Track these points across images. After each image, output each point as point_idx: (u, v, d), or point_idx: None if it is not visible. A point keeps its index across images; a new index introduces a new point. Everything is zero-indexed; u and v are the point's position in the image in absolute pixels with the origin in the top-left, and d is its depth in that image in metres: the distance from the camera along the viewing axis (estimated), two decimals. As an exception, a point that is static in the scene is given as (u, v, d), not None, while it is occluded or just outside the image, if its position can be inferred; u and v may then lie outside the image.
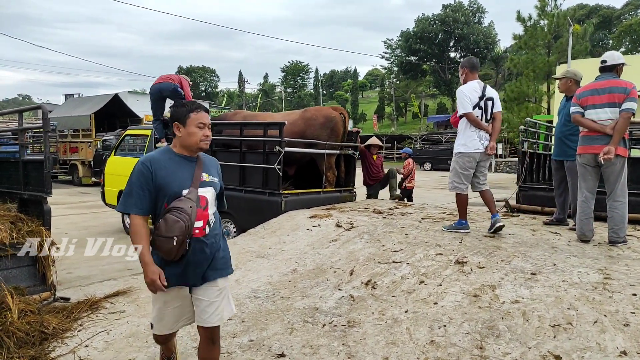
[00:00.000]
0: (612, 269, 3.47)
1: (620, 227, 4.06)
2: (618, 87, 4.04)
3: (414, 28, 53.78)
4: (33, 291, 3.97)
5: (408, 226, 5.02)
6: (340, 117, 7.00)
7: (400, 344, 2.86)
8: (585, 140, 4.21)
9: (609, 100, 4.04)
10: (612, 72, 4.17)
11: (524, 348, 2.63)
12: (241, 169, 6.48)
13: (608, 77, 4.15)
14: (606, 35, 49.05)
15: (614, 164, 4.02)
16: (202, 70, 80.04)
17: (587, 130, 4.20)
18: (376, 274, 3.86)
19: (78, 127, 17.83)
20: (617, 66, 4.16)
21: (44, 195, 4.19)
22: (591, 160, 4.16)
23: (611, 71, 4.17)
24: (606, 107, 4.06)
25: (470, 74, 4.73)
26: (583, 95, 4.24)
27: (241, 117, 7.72)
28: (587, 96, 4.19)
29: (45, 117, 4.13)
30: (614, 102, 4.03)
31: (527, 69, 23.52)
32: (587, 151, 4.17)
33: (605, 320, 2.77)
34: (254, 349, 3.01)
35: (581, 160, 4.26)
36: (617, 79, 4.12)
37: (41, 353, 3.19)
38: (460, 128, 4.71)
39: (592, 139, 4.14)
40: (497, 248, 4.09)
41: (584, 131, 4.25)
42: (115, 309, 3.94)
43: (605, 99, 4.06)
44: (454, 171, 4.72)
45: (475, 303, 3.17)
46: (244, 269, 4.49)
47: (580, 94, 4.27)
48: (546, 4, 23.13)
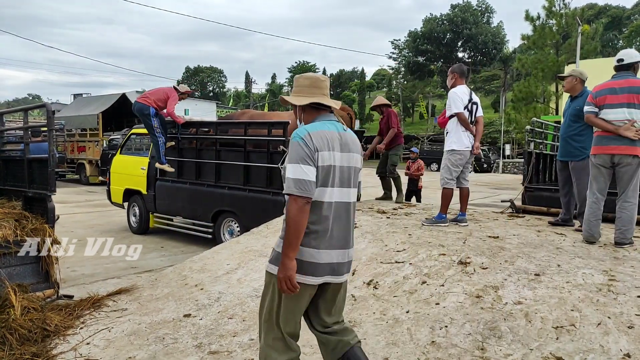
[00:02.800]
0: (618, 271, 3.42)
1: (627, 228, 3.99)
2: (637, 86, 3.87)
3: (421, 28, 53.58)
4: (36, 288, 4.00)
5: (412, 226, 4.99)
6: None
7: (400, 344, 2.84)
8: (601, 140, 4.04)
9: (628, 101, 3.88)
10: (629, 70, 4.00)
11: (526, 349, 2.60)
12: (245, 168, 6.48)
13: (626, 76, 3.97)
14: (616, 35, 48.56)
15: (630, 163, 3.89)
16: (210, 70, 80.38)
17: (601, 130, 4.04)
18: (378, 274, 3.83)
19: (86, 126, 17.95)
20: (635, 64, 3.99)
21: (48, 193, 4.22)
22: (607, 161, 4.00)
23: (628, 70, 4.00)
24: (624, 107, 3.89)
25: (460, 79, 5.06)
26: (600, 94, 4.04)
27: (248, 117, 7.73)
28: (604, 95, 4.00)
29: (50, 115, 4.15)
30: (632, 103, 3.86)
31: (536, 69, 23.33)
32: (602, 151, 4.01)
33: (609, 322, 2.73)
34: (254, 347, 3.00)
35: (595, 160, 4.09)
36: (636, 78, 3.95)
37: (43, 350, 3.21)
38: (450, 127, 5.04)
39: (607, 139, 3.97)
40: (501, 249, 4.05)
41: (598, 131, 4.09)
42: (117, 307, 3.95)
43: (624, 98, 3.89)
44: (446, 168, 5.03)
45: (477, 304, 3.14)
46: (247, 268, 4.49)
47: (597, 93, 4.07)
48: (553, 4, 22.92)
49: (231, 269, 4.52)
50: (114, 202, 8.87)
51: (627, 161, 3.91)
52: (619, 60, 4.05)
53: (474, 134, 5.06)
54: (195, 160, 7.16)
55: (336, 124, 2.24)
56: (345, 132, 2.24)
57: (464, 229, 4.86)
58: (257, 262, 4.60)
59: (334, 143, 2.14)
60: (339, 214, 2.18)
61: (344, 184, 2.19)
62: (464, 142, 4.96)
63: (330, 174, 2.12)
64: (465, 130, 4.97)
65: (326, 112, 2.28)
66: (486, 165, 30.56)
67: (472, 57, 53.99)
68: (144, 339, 3.29)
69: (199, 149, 7.21)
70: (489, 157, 31.50)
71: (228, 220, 6.70)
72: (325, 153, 2.09)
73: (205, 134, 7.30)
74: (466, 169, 5.17)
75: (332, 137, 2.15)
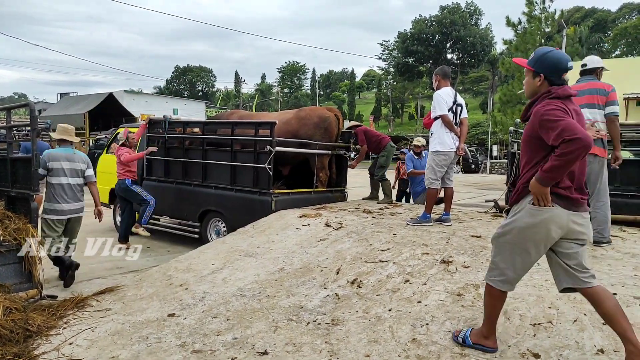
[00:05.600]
0: (595, 269, 3.46)
1: (603, 228, 4.10)
2: (597, 88, 4.14)
3: (410, 29, 53.88)
4: (19, 289, 3.97)
5: (397, 226, 5.04)
6: (335, 118, 7.02)
7: (382, 342, 2.87)
8: None
9: (588, 102, 4.14)
10: (592, 74, 4.29)
11: (504, 346, 2.65)
12: (232, 168, 6.48)
13: (588, 80, 4.26)
14: (602, 38, 49.27)
15: (592, 163, 4.06)
16: (199, 70, 79.98)
17: None
18: (362, 273, 3.87)
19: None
20: (597, 69, 4.28)
21: (31, 192, 4.19)
22: None
23: (591, 74, 4.29)
24: (585, 108, 4.13)
25: (443, 81, 5.20)
26: None
27: (237, 117, 7.73)
28: None
29: (33, 114, 4.13)
30: (592, 103, 4.13)
31: (519, 72, 23.53)
32: None
33: (585, 319, 2.80)
34: (237, 346, 3.01)
35: None
36: (596, 81, 4.22)
37: (25, 350, 3.18)
38: (435, 129, 5.14)
39: None
40: (483, 248, 4.11)
41: None
42: (101, 307, 3.94)
43: (585, 100, 4.15)
44: (431, 168, 5.13)
45: (458, 302, 3.19)
46: (232, 267, 4.50)
47: None
48: (533, 9, 23.09)
49: (216, 268, 4.53)
50: (100, 202, 8.79)
51: (587, 160, 4.04)
52: (582, 65, 4.37)
53: (459, 135, 5.14)
54: (182, 160, 7.14)
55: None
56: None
57: (448, 228, 4.92)
58: (243, 261, 4.61)
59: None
60: None
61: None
62: (448, 144, 5.06)
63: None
64: (449, 132, 5.07)
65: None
66: (474, 166, 30.82)
67: (461, 59, 54.44)
68: (127, 338, 3.28)
69: (185, 148, 7.19)
70: (477, 158, 31.79)
71: (215, 220, 6.69)
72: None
73: (192, 134, 7.29)
74: (450, 169, 5.26)
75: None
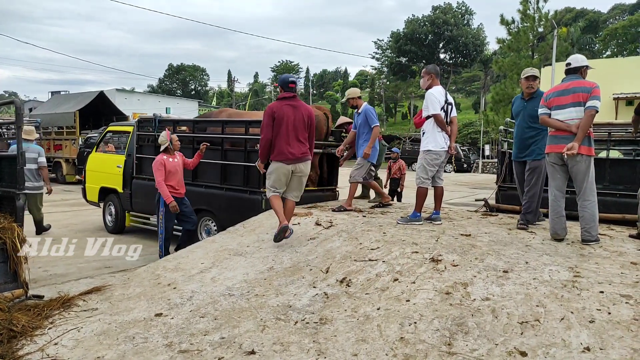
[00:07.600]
0: (583, 267, 3.51)
1: (591, 226, 4.12)
2: (582, 87, 4.14)
3: (403, 29, 53.98)
4: (4, 289, 3.92)
5: (387, 225, 5.03)
6: (323, 116, 6.99)
7: (370, 340, 2.86)
8: (553, 140, 4.30)
9: (573, 100, 4.15)
10: (576, 73, 4.29)
11: (491, 344, 2.65)
12: (222, 167, 6.45)
13: (572, 79, 4.27)
14: (592, 38, 49.66)
15: (579, 162, 4.08)
16: (192, 68, 79.54)
17: (554, 129, 4.29)
18: (351, 272, 3.86)
19: (62, 124, 17.60)
20: (581, 68, 4.28)
21: (16, 191, 4.13)
22: (558, 159, 4.24)
23: (575, 73, 4.29)
24: (570, 106, 4.16)
25: (436, 80, 5.18)
26: (550, 96, 4.36)
27: (226, 115, 7.69)
28: (553, 97, 4.31)
29: (19, 112, 4.07)
30: (578, 102, 4.13)
31: (512, 72, 23.70)
32: (554, 150, 4.25)
33: (572, 317, 2.80)
34: (224, 346, 2.99)
35: (549, 159, 4.34)
36: (581, 80, 4.23)
37: (9, 351, 3.14)
38: (427, 128, 5.12)
39: (559, 138, 4.22)
40: (472, 246, 4.11)
41: (552, 131, 4.35)
42: (88, 307, 3.89)
43: (570, 99, 4.17)
44: (422, 167, 5.13)
45: (446, 300, 3.19)
46: (221, 266, 4.47)
47: (548, 96, 4.39)
48: (528, 7, 23.27)
49: (205, 268, 4.50)
50: (90, 201, 8.73)
51: (575, 159, 4.10)
52: (567, 64, 4.36)
53: (449, 134, 5.16)
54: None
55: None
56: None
57: (438, 227, 4.92)
58: (232, 260, 4.58)
59: None
60: None
61: None
62: (440, 143, 5.07)
63: None
64: (441, 131, 5.08)
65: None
66: (466, 165, 30.96)
67: (453, 59, 54.63)
68: (113, 338, 3.25)
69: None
70: (469, 157, 31.93)
71: (205, 219, 6.66)
72: None
73: (182, 132, 7.23)
74: (441, 168, 5.26)
75: None
